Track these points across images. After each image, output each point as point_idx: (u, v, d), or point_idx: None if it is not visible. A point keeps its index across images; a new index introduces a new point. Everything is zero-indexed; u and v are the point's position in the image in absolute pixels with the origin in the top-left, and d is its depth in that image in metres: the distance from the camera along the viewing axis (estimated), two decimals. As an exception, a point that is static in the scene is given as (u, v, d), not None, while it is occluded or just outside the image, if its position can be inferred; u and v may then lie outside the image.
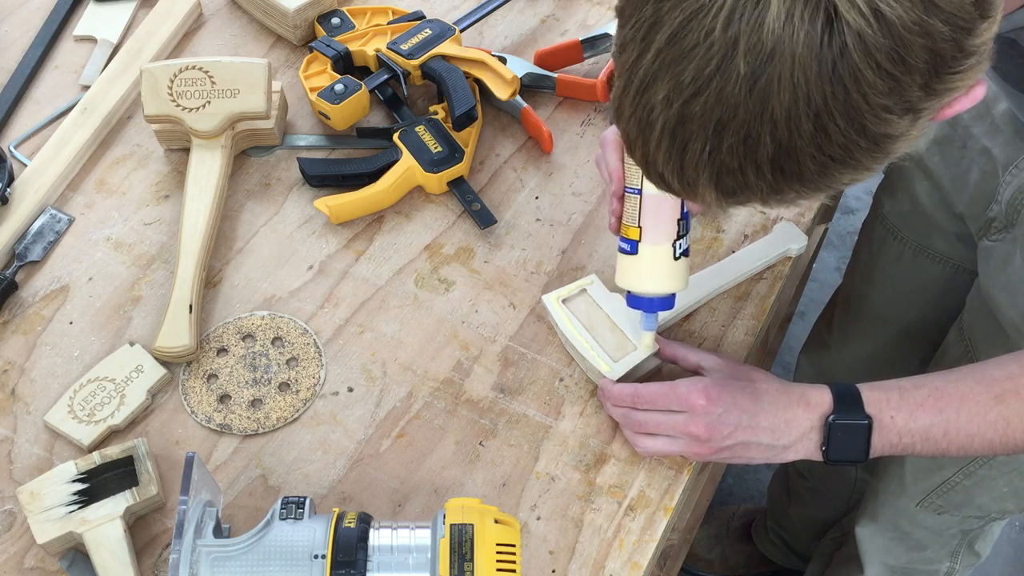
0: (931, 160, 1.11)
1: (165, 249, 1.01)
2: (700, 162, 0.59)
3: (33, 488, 0.83)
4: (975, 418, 0.80)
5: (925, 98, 0.57)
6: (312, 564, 0.73)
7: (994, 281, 1.00)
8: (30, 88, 1.14)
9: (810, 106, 0.55)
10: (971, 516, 1.16)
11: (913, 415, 0.81)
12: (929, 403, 0.82)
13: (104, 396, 0.90)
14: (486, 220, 1.03)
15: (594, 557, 0.84)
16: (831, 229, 2.19)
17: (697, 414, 0.83)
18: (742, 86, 0.55)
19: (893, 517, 1.23)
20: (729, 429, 0.82)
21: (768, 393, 0.84)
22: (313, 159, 1.07)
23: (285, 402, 0.91)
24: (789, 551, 1.69)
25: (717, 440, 0.83)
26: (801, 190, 0.61)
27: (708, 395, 0.83)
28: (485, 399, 0.92)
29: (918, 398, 0.82)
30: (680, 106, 0.57)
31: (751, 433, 0.83)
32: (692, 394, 0.83)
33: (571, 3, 1.24)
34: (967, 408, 0.81)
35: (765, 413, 0.83)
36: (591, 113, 1.13)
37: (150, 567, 0.83)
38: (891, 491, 1.21)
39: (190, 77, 1.03)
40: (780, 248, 1.00)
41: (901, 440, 0.82)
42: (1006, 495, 1.09)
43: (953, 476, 1.10)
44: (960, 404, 0.81)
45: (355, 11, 1.17)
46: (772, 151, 0.57)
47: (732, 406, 0.83)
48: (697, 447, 0.84)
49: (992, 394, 0.80)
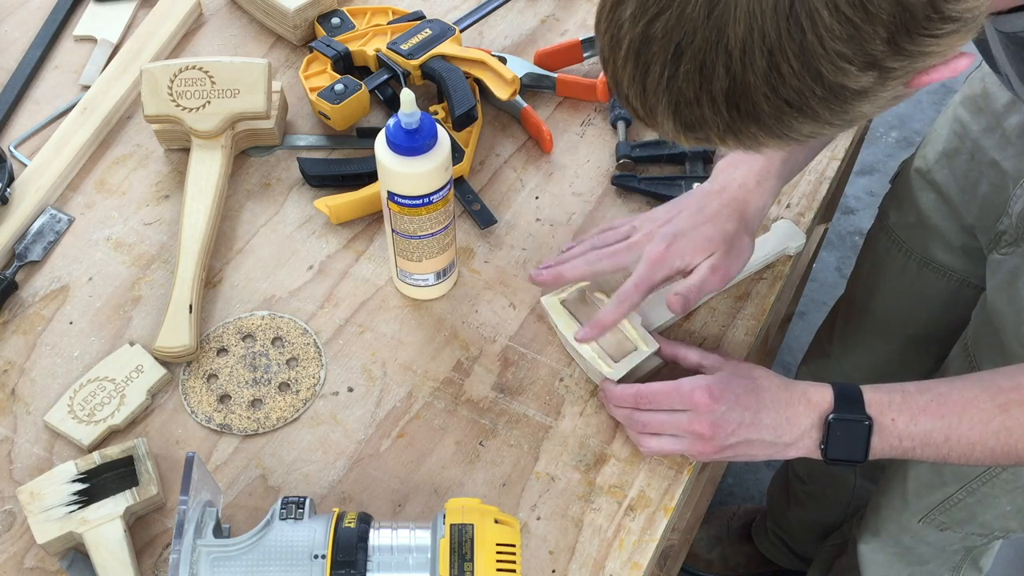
0: (939, 172, 1.11)
1: (165, 249, 1.01)
2: (659, 88, 0.59)
3: (33, 488, 0.83)
4: (977, 426, 0.80)
5: (892, 56, 0.56)
6: (312, 564, 0.73)
7: (1001, 295, 0.99)
8: (30, 88, 1.14)
9: (764, 41, 0.54)
10: (974, 533, 1.15)
11: (915, 419, 0.81)
12: (932, 408, 0.81)
13: (104, 396, 0.90)
14: (486, 220, 1.03)
15: (594, 557, 0.84)
16: (831, 229, 2.19)
17: (701, 412, 0.83)
18: (701, 10, 0.55)
19: (896, 532, 1.22)
20: (732, 427, 0.82)
21: (770, 390, 0.84)
22: (313, 159, 1.07)
23: (285, 402, 0.91)
24: (789, 552, 1.69)
25: (721, 438, 0.83)
26: (758, 134, 0.60)
27: (711, 393, 0.83)
28: (485, 399, 0.92)
29: (921, 402, 0.81)
30: (644, 25, 0.57)
31: (754, 430, 0.83)
32: (696, 392, 0.83)
33: (571, 3, 1.24)
34: (970, 415, 0.80)
35: (767, 410, 0.83)
36: (591, 113, 1.13)
37: (150, 567, 0.83)
38: (894, 507, 1.20)
39: (190, 77, 1.03)
40: (779, 247, 1.00)
41: (901, 443, 0.82)
42: (1009, 513, 1.08)
43: (956, 493, 1.09)
44: (963, 411, 0.80)
45: (355, 11, 1.17)
46: (727, 84, 0.57)
47: (735, 404, 0.83)
48: (701, 445, 0.84)
49: (997, 403, 0.80)
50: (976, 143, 1.04)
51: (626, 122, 1.10)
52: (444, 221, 0.90)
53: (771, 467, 1.92)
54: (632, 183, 1.05)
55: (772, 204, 0.94)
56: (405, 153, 0.84)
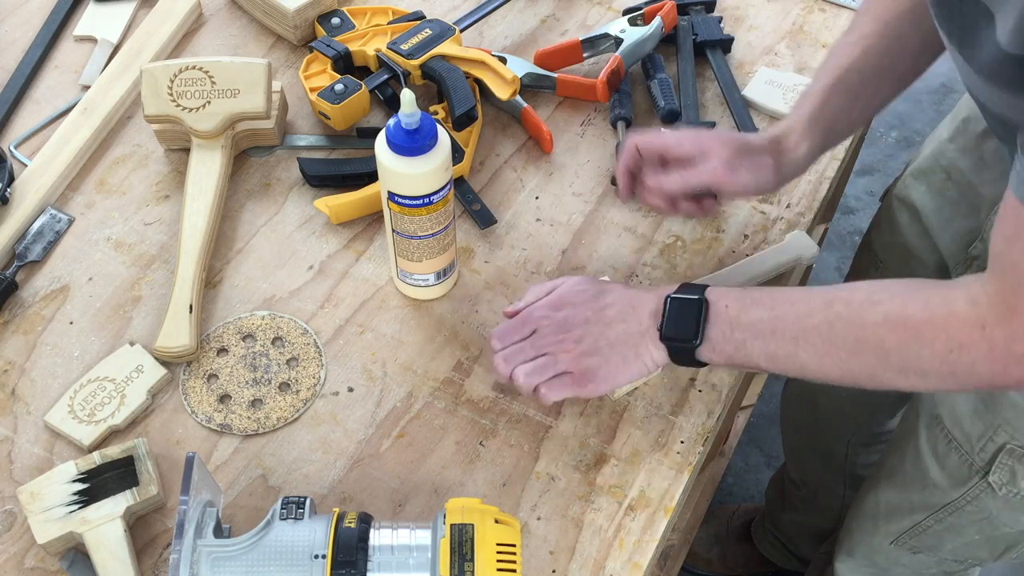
0: (916, 190, 1.10)
1: (165, 249, 1.01)
2: None
3: (33, 488, 0.83)
4: (802, 319, 0.78)
5: None
6: (312, 564, 0.73)
7: None
8: (30, 88, 1.14)
9: None
10: (947, 559, 1.13)
11: (746, 309, 0.81)
12: (765, 300, 0.81)
13: (104, 396, 0.90)
14: (486, 220, 1.03)
15: (594, 557, 0.84)
16: (831, 229, 2.19)
17: (544, 324, 0.86)
18: None
19: (869, 553, 1.22)
20: (579, 325, 0.85)
21: (613, 290, 0.88)
22: (313, 159, 1.07)
23: (285, 402, 0.91)
24: (788, 553, 1.69)
25: (573, 340, 0.85)
26: None
27: (550, 304, 0.87)
28: (485, 399, 0.92)
29: (757, 296, 0.82)
30: None
31: (603, 326, 0.85)
32: (534, 311, 0.87)
33: (571, 3, 1.24)
34: (796, 309, 0.79)
35: (611, 306, 0.86)
36: (591, 113, 1.13)
37: (150, 567, 0.83)
38: (865, 529, 1.20)
39: (190, 77, 1.03)
40: (792, 257, 1.00)
41: (733, 333, 0.81)
42: (978, 543, 1.06)
43: (924, 520, 1.08)
44: (792, 305, 0.80)
45: (355, 11, 1.17)
46: None
47: (574, 307, 0.86)
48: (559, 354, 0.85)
49: (824, 299, 0.78)
50: (953, 163, 1.03)
51: (626, 122, 1.10)
52: (444, 221, 0.90)
53: (770, 467, 1.92)
54: (632, 183, 1.05)
55: (809, 155, 0.94)
56: (405, 153, 0.84)
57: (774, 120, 1.13)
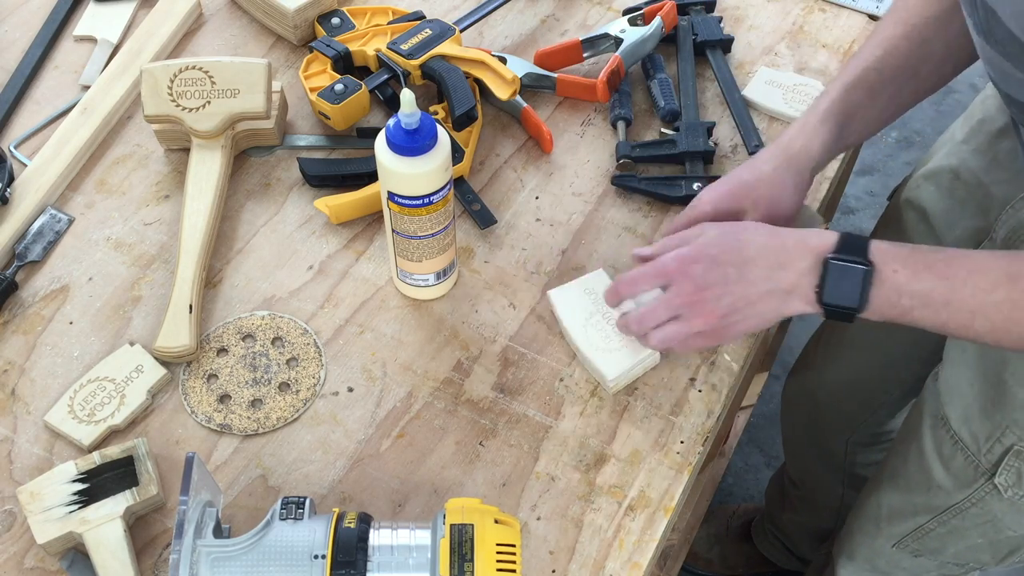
0: (925, 190, 1.09)
1: (165, 249, 1.01)
2: None
3: (33, 488, 0.83)
4: (980, 294, 0.74)
5: None
6: (312, 564, 0.73)
7: None
8: (30, 88, 1.14)
9: None
10: (949, 563, 1.13)
11: (918, 275, 0.76)
12: (938, 266, 0.76)
13: (104, 396, 0.90)
14: (486, 220, 1.03)
15: (594, 557, 0.84)
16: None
17: (680, 280, 0.81)
18: None
19: (870, 556, 1.21)
20: (718, 285, 0.80)
21: (756, 241, 0.81)
22: (313, 159, 1.07)
23: (285, 402, 0.91)
24: (788, 553, 1.69)
25: (712, 300, 0.80)
26: None
27: (684, 258, 0.80)
28: (485, 399, 0.92)
29: (928, 259, 0.77)
30: None
31: (745, 285, 0.79)
32: (668, 263, 0.81)
33: (571, 3, 1.24)
34: (975, 281, 0.74)
35: (754, 261, 0.80)
36: (591, 113, 1.13)
37: (150, 567, 0.83)
38: (867, 531, 1.19)
39: (190, 77, 1.03)
40: None
41: (900, 300, 0.77)
42: (981, 546, 1.06)
43: (927, 523, 1.07)
44: (969, 275, 0.75)
45: (355, 11, 1.17)
46: None
47: (713, 263, 0.80)
48: (698, 316, 0.81)
49: (1006, 272, 0.74)
50: (964, 163, 1.03)
51: (626, 122, 1.10)
52: (444, 221, 0.90)
53: (770, 467, 1.92)
54: (632, 183, 1.05)
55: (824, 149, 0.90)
56: (405, 153, 0.84)
57: (774, 120, 1.13)
